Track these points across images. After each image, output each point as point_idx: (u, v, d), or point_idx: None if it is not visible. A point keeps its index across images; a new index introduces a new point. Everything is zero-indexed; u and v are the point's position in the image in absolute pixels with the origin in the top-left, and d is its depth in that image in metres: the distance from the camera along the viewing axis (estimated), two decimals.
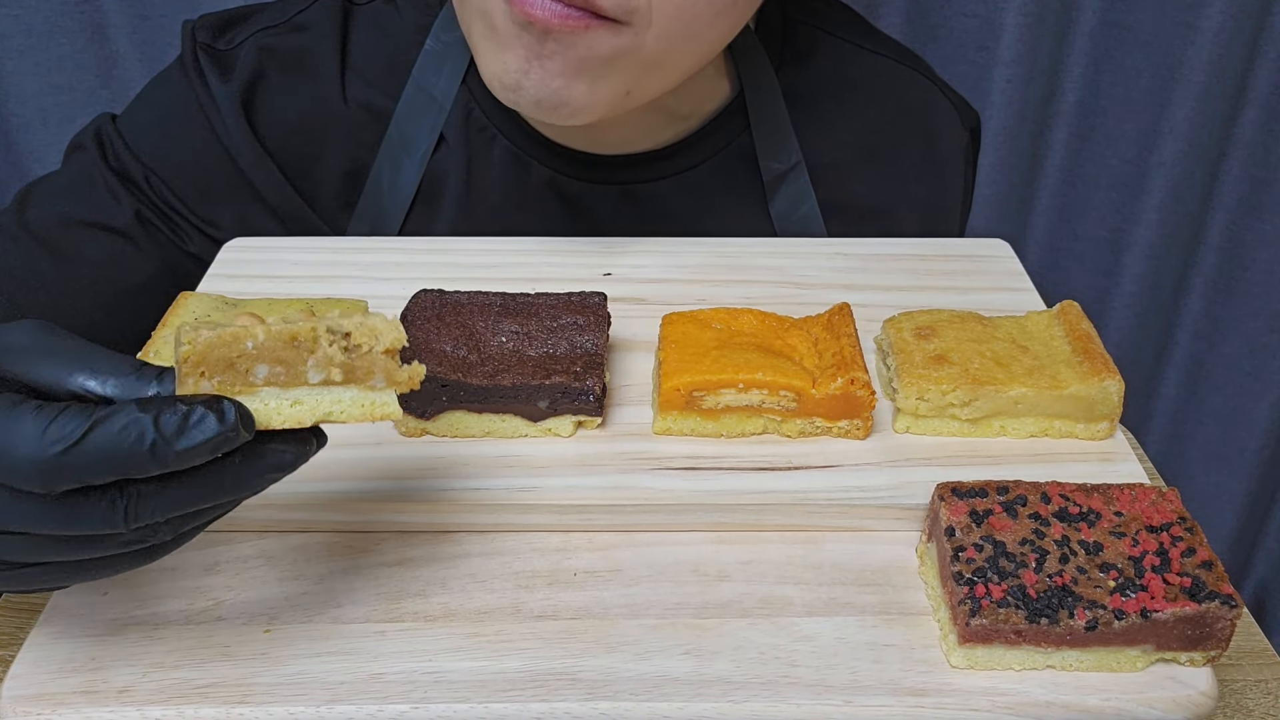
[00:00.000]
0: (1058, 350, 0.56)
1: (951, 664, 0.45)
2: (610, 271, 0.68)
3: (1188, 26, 1.08)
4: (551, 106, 0.61)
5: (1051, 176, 1.22)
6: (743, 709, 0.43)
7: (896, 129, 0.79)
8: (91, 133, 0.73)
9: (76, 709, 0.43)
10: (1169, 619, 0.43)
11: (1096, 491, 0.48)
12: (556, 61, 0.59)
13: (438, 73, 0.72)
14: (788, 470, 0.53)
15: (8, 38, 1.03)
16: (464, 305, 0.57)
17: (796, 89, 0.76)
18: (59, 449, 0.34)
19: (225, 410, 0.36)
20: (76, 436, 0.34)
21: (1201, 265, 1.26)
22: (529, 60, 0.59)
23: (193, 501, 0.37)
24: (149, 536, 0.38)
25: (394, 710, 0.43)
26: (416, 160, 0.73)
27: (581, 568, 0.49)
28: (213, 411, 0.36)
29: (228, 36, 0.73)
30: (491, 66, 0.62)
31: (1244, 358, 1.29)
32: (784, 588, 0.48)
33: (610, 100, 0.62)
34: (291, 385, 0.38)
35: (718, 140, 0.75)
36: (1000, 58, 1.10)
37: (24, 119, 1.08)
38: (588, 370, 0.53)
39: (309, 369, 0.38)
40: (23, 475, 0.35)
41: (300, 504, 0.50)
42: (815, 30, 0.78)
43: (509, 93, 0.61)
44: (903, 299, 0.66)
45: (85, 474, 0.35)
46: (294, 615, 0.47)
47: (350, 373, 0.39)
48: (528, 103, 0.61)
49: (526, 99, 0.61)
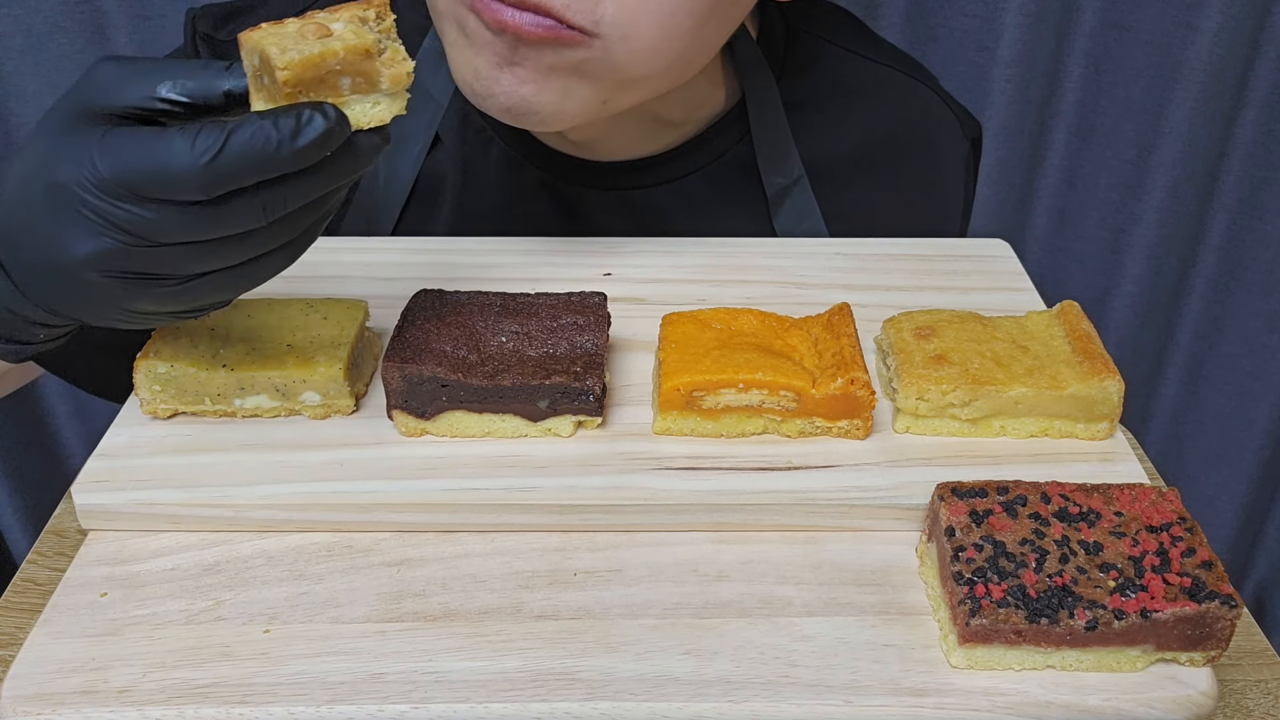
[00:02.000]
0: (1058, 350, 0.56)
1: (951, 664, 0.45)
2: (610, 271, 0.68)
3: (1188, 26, 1.08)
4: (520, 113, 0.61)
5: (1051, 176, 1.22)
6: (743, 709, 0.43)
7: (897, 139, 0.79)
8: None
9: (76, 709, 0.43)
10: (1169, 619, 0.43)
11: (1096, 491, 0.48)
12: (527, 69, 0.59)
13: (435, 71, 0.72)
14: (788, 470, 0.53)
15: (8, 38, 1.03)
16: (464, 305, 0.57)
17: (797, 98, 0.76)
18: (208, 158, 0.41)
19: (327, 110, 0.42)
20: (219, 146, 0.41)
21: (1201, 265, 1.26)
22: (499, 66, 0.60)
23: (314, 189, 0.44)
24: (285, 232, 0.45)
25: (394, 710, 0.43)
26: (412, 157, 0.73)
27: (581, 568, 0.49)
28: (318, 112, 0.42)
29: (229, 28, 0.73)
30: (462, 70, 0.62)
31: (1244, 358, 1.29)
32: (784, 588, 0.48)
33: (583, 110, 0.62)
34: (371, 91, 0.44)
35: (714, 148, 0.75)
36: (1000, 58, 1.10)
37: (24, 119, 1.08)
38: (588, 370, 0.53)
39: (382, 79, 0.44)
40: (184, 186, 0.41)
41: (300, 504, 0.50)
42: (818, 39, 0.78)
43: (479, 98, 0.62)
44: (903, 299, 0.66)
45: (232, 176, 0.42)
46: (294, 615, 0.47)
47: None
48: (498, 109, 0.61)
49: (497, 105, 0.61)
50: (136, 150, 0.42)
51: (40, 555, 0.62)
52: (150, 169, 0.41)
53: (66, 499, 0.65)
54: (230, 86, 0.44)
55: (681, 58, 0.62)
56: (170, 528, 0.51)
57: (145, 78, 0.44)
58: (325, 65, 0.43)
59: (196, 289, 0.46)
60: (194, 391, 0.54)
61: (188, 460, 0.53)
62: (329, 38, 0.43)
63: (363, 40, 0.43)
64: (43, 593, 0.59)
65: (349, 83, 0.44)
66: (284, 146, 0.41)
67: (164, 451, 0.53)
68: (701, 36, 0.61)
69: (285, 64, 0.42)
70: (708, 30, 0.61)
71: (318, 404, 0.55)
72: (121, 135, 0.42)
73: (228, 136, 0.41)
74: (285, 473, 0.52)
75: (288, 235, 0.46)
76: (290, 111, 0.42)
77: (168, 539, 0.51)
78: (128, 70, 0.44)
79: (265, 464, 0.52)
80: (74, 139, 0.43)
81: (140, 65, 0.45)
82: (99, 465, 0.52)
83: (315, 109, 0.42)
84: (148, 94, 0.44)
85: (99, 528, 0.51)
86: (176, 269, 0.45)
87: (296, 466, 0.52)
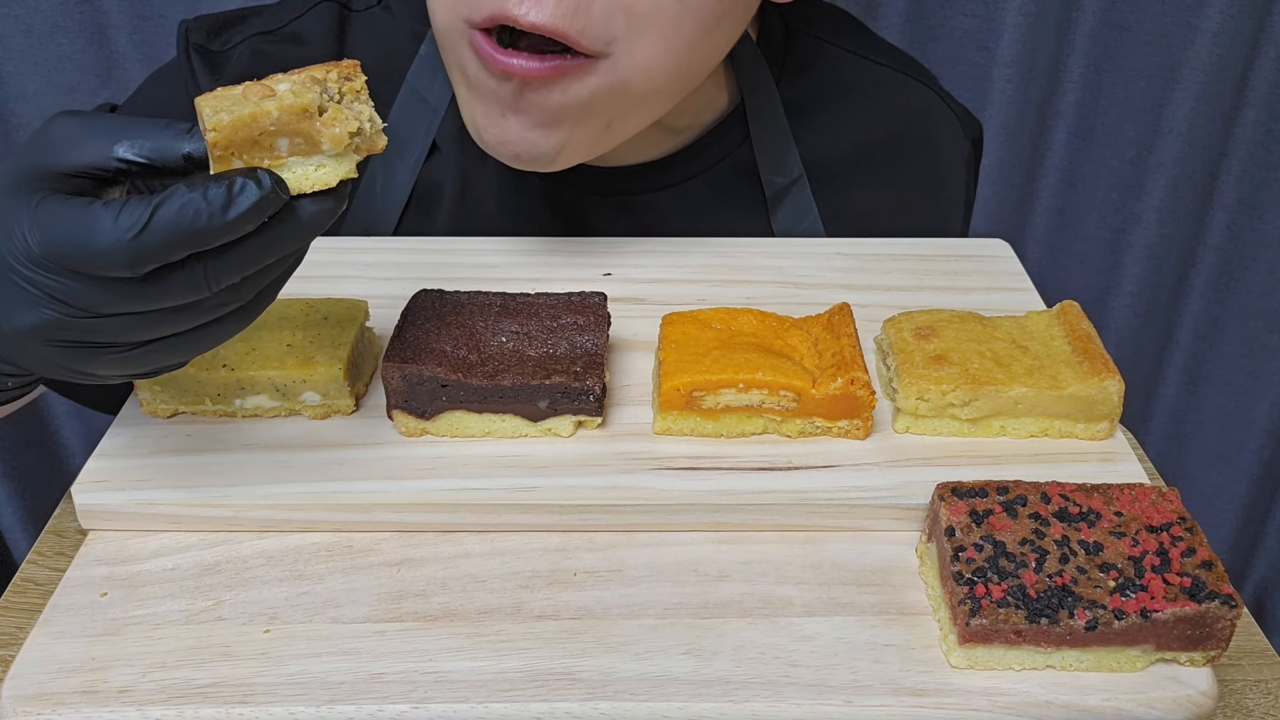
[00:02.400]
0: (1058, 350, 0.56)
1: (951, 664, 0.45)
2: (610, 271, 0.68)
3: (1188, 26, 1.08)
4: (530, 159, 0.62)
5: (1051, 176, 1.22)
6: (743, 709, 0.43)
7: (897, 139, 0.79)
8: None
9: (76, 709, 0.43)
10: (1169, 619, 0.43)
11: (1096, 491, 0.48)
12: (533, 114, 0.60)
13: (432, 78, 0.72)
14: (788, 470, 0.53)
15: (8, 38, 1.03)
16: (464, 305, 0.57)
17: (797, 99, 0.76)
18: (132, 234, 0.39)
19: (261, 178, 0.40)
20: (144, 222, 0.39)
21: (1201, 265, 1.26)
22: (504, 114, 0.60)
23: (257, 259, 0.42)
24: (234, 298, 0.43)
25: (394, 710, 0.43)
26: (410, 164, 0.73)
27: (581, 568, 0.49)
28: (251, 180, 0.40)
29: (222, 38, 0.73)
30: (469, 115, 0.63)
31: (1244, 358, 1.28)
32: (784, 588, 0.48)
33: (589, 144, 0.62)
34: (313, 153, 0.42)
35: (715, 152, 0.75)
36: (1000, 58, 1.10)
37: (24, 119, 1.08)
38: (588, 370, 0.53)
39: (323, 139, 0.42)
40: (109, 263, 0.40)
41: (300, 504, 0.51)
42: (818, 40, 0.78)
43: (487, 146, 0.62)
44: (903, 299, 0.66)
45: (160, 252, 0.40)
46: (294, 615, 0.47)
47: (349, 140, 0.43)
48: (507, 155, 0.62)
49: (506, 151, 0.62)
50: (64, 224, 0.40)
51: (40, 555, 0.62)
52: (75, 244, 0.40)
53: (66, 499, 0.65)
54: (190, 149, 0.42)
55: (686, 70, 0.62)
56: (170, 528, 0.51)
57: (102, 137, 0.42)
58: (257, 126, 0.41)
59: (147, 355, 0.44)
60: (194, 391, 0.54)
61: (188, 460, 0.53)
62: (270, 98, 0.41)
63: (300, 100, 0.41)
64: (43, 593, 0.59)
65: (288, 144, 0.41)
66: (214, 219, 0.39)
67: (164, 451, 0.53)
68: (706, 46, 0.62)
69: (213, 125, 0.40)
70: (712, 40, 0.62)
71: (318, 404, 0.55)
72: (52, 207, 0.40)
73: (154, 211, 0.39)
74: (285, 473, 0.52)
75: (238, 302, 0.44)
76: (222, 181, 0.40)
77: (168, 539, 0.51)
78: (85, 128, 0.43)
79: (265, 464, 0.52)
80: (11, 206, 0.41)
81: (98, 123, 0.43)
82: (99, 465, 0.52)
83: (249, 177, 0.40)
84: (104, 154, 0.42)
85: (99, 528, 0.51)
86: (122, 337, 0.43)
87: (296, 466, 0.52)
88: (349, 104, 0.44)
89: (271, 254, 0.42)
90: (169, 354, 0.45)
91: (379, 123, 0.45)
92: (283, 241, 0.42)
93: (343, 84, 0.44)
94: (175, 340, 0.44)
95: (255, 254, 0.42)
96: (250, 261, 0.42)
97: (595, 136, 0.62)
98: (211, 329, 0.44)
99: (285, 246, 0.43)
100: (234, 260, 0.41)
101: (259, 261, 0.42)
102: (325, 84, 0.43)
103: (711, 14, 0.59)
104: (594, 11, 0.56)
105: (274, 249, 0.42)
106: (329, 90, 0.43)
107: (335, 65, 0.44)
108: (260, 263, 0.42)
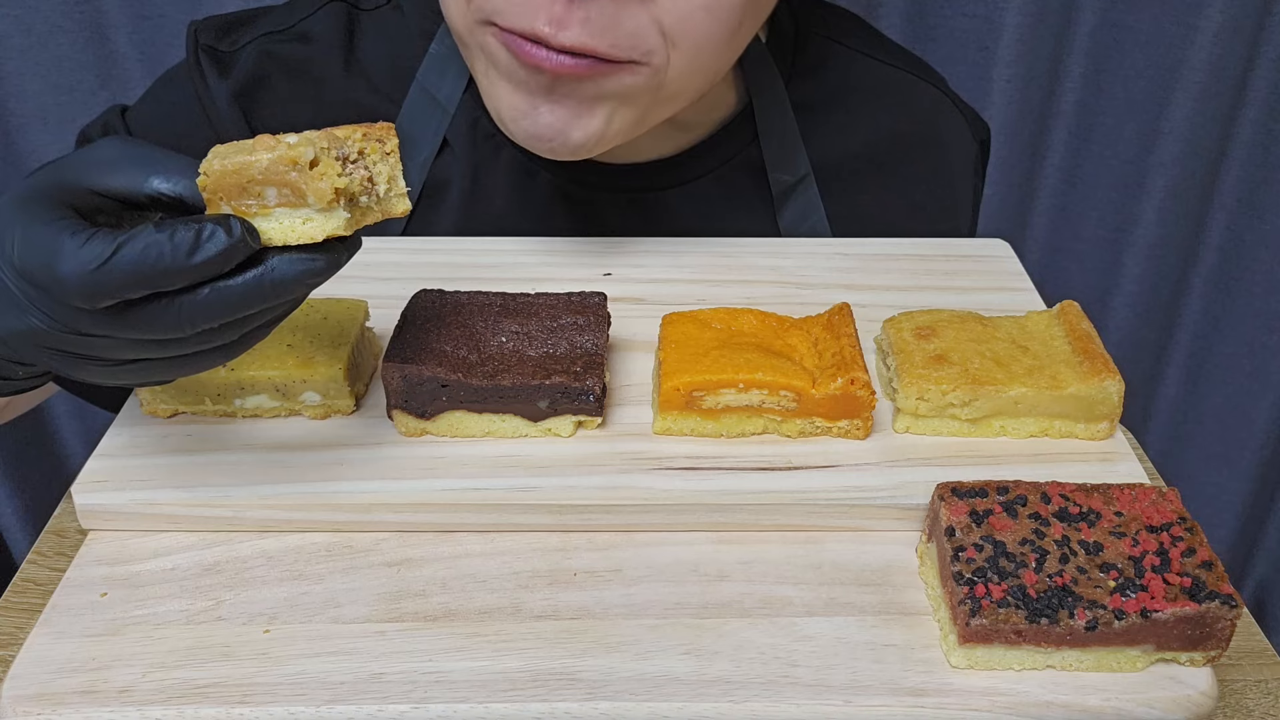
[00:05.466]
0: (1058, 350, 0.56)
1: (951, 664, 0.45)
2: (610, 271, 0.68)
3: (1188, 26, 1.08)
4: (567, 149, 0.61)
5: (1051, 176, 1.22)
6: (743, 709, 0.43)
7: (905, 140, 0.79)
8: (100, 125, 0.73)
9: (76, 709, 0.43)
10: (1169, 619, 0.43)
11: (1096, 491, 0.48)
12: (568, 104, 0.59)
13: (442, 76, 0.72)
14: (788, 470, 0.53)
15: (8, 38, 1.03)
16: (464, 305, 0.57)
17: (806, 99, 0.76)
18: (92, 267, 0.39)
19: (232, 226, 0.40)
20: (105, 255, 0.39)
21: (1201, 265, 1.26)
22: (536, 105, 0.60)
23: (237, 308, 0.42)
24: (216, 338, 0.43)
25: (394, 710, 0.43)
26: (419, 163, 0.73)
27: (581, 568, 0.49)
28: (221, 226, 0.40)
29: (231, 38, 0.73)
30: (495, 104, 0.62)
31: (1244, 358, 1.29)
32: (784, 588, 0.48)
33: (625, 130, 0.62)
34: (301, 206, 0.42)
35: (725, 150, 0.75)
36: (1000, 58, 1.10)
37: (24, 119, 1.08)
38: (588, 370, 0.53)
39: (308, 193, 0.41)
40: (68, 291, 0.40)
41: (300, 504, 0.51)
42: (827, 41, 0.78)
43: (518, 137, 0.62)
44: (903, 299, 0.66)
45: (119, 288, 0.40)
46: (294, 615, 0.47)
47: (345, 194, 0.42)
48: (543, 148, 0.62)
49: (541, 143, 0.61)
50: (37, 243, 0.40)
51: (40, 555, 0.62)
52: (41, 267, 0.40)
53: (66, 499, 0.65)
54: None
55: (715, 72, 0.63)
56: (170, 528, 0.51)
57: (140, 166, 0.43)
58: (245, 175, 0.41)
59: (131, 372, 0.45)
60: (194, 391, 0.54)
61: (188, 460, 0.53)
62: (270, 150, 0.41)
63: (292, 151, 0.41)
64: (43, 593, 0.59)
65: (276, 194, 0.41)
66: (177, 262, 0.39)
67: (164, 451, 0.53)
68: (731, 47, 0.62)
69: (205, 169, 0.41)
70: (736, 41, 0.62)
71: (318, 404, 0.55)
72: (40, 224, 0.41)
73: (118, 247, 0.39)
74: (285, 473, 0.52)
75: (220, 341, 0.44)
76: (192, 225, 0.40)
77: (168, 539, 0.51)
78: (126, 154, 0.44)
79: (265, 464, 0.52)
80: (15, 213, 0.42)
81: (140, 152, 0.44)
82: (99, 465, 0.52)
83: (220, 223, 0.40)
84: (138, 183, 0.43)
85: (99, 528, 0.51)
86: (103, 354, 0.43)
87: (296, 466, 0.52)
88: (370, 163, 0.43)
89: (248, 306, 0.42)
90: (152, 374, 0.45)
91: (401, 186, 0.45)
92: (255, 295, 0.41)
93: (366, 143, 0.43)
94: (156, 363, 0.44)
95: (232, 302, 0.41)
96: (226, 309, 0.41)
97: (626, 129, 0.62)
98: (193, 359, 0.44)
99: (260, 300, 0.42)
100: (209, 305, 0.41)
101: (235, 311, 0.42)
102: (343, 142, 0.42)
103: (735, 18, 0.59)
104: (623, 29, 0.56)
105: (250, 300, 0.42)
106: (343, 149, 0.42)
107: (366, 126, 0.44)
108: (236, 312, 0.42)
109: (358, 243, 0.44)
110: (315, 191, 0.41)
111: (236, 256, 0.40)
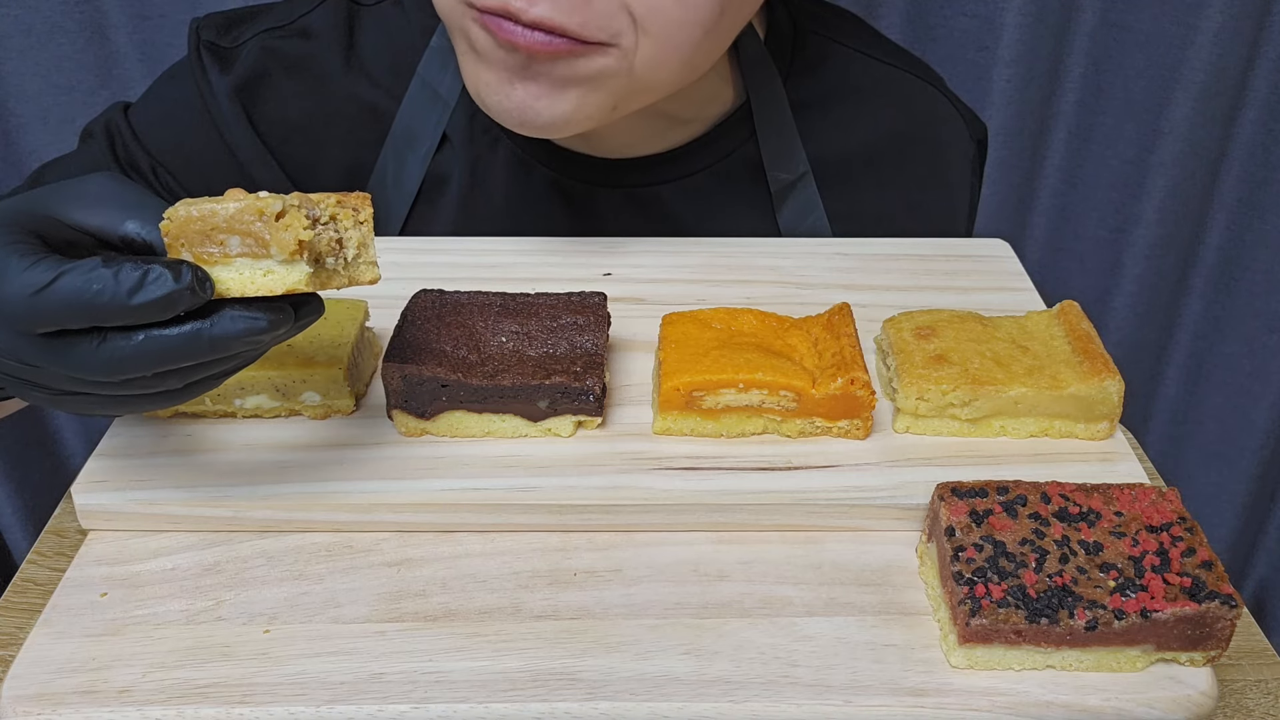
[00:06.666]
0: (1058, 350, 0.56)
1: (951, 664, 0.45)
2: (610, 271, 0.68)
3: (1188, 26, 1.08)
4: (536, 125, 0.61)
5: (1051, 176, 1.22)
6: (743, 709, 0.43)
7: (903, 139, 0.79)
8: (102, 123, 0.74)
9: (76, 709, 0.43)
10: (1169, 619, 0.43)
11: (1096, 491, 0.48)
12: (541, 83, 0.60)
13: (443, 69, 0.72)
14: (788, 470, 0.53)
15: (8, 38, 1.03)
16: (464, 305, 0.57)
17: (804, 98, 0.76)
18: (31, 290, 0.38)
19: (182, 272, 0.39)
20: (45, 282, 0.38)
21: (1201, 265, 1.26)
22: (511, 81, 0.60)
23: (172, 359, 0.40)
24: (159, 384, 0.42)
25: (394, 710, 0.43)
26: (420, 156, 0.73)
27: (581, 568, 0.49)
28: (170, 271, 0.39)
29: (232, 35, 0.73)
30: (472, 81, 0.62)
31: (1244, 358, 1.29)
32: (784, 588, 0.48)
33: (596, 115, 0.62)
34: (263, 257, 0.41)
35: (721, 147, 0.75)
36: (1000, 58, 1.10)
37: (24, 119, 1.08)
38: (588, 370, 0.53)
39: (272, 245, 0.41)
40: (5, 314, 0.39)
41: (300, 504, 0.50)
42: (825, 40, 0.78)
43: (490, 110, 0.62)
44: (903, 299, 0.66)
45: (55, 317, 0.39)
46: (294, 615, 0.47)
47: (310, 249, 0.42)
48: (511, 120, 0.62)
49: (510, 118, 0.61)
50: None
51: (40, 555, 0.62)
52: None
53: (66, 499, 0.65)
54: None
55: (690, 64, 0.62)
56: (170, 528, 0.51)
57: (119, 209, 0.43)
58: (208, 224, 0.40)
59: (74, 403, 0.44)
60: None
61: (188, 460, 0.53)
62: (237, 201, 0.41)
63: (260, 203, 0.40)
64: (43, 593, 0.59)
65: (239, 243, 0.41)
66: (117, 299, 0.38)
67: (164, 451, 0.53)
68: (710, 40, 0.62)
69: (169, 215, 0.41)
70: (715, 34, 0.62)
71: (318, 404, 0.55)
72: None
73: (59, 275, 0.39)
74: (285, 473, 0.52)
75: (159, 388, 0.43)
76: (140, 266, 0.39)
77: (168, 539, 0.51)
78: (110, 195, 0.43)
79: (265, 464, 0.52)
80: None
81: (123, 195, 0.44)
82: (99, 465, 0.52)
83: (170, 268, 0.39)
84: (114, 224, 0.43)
85: (99, 528, 0.51)
86: (46, 382, 0.43)
87: (296, 466, 0.52)
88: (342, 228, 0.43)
89: (181, 359, 0.41)
90: (93, 407, 0.44)
91: (372, 255, 0.44)
92: (190, 348, 0.40)
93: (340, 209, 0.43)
94: (95, 399, 0.43)
95: (164, 353, 0.40)
96: (156, 359, 0.40)
97: (599, 114, 0.62)
98: (134, 400, 0.43)
99: (195, 354, 0.41)
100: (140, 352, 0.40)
101: (166, 362, 0.41)
102: (316, 204, 0.42)
103: (709, 9, 0.59)
104: (593, 8, 0.57)
105: (184, 353, 0.40)
106: (314, 210, 0.42)
107: (342, 195, 0.43)
108: (168, 364, 0.41)
109: (319, 308, 0.43)
110: (278, 241, 0.40)
111: (180, 304, 0.39)
